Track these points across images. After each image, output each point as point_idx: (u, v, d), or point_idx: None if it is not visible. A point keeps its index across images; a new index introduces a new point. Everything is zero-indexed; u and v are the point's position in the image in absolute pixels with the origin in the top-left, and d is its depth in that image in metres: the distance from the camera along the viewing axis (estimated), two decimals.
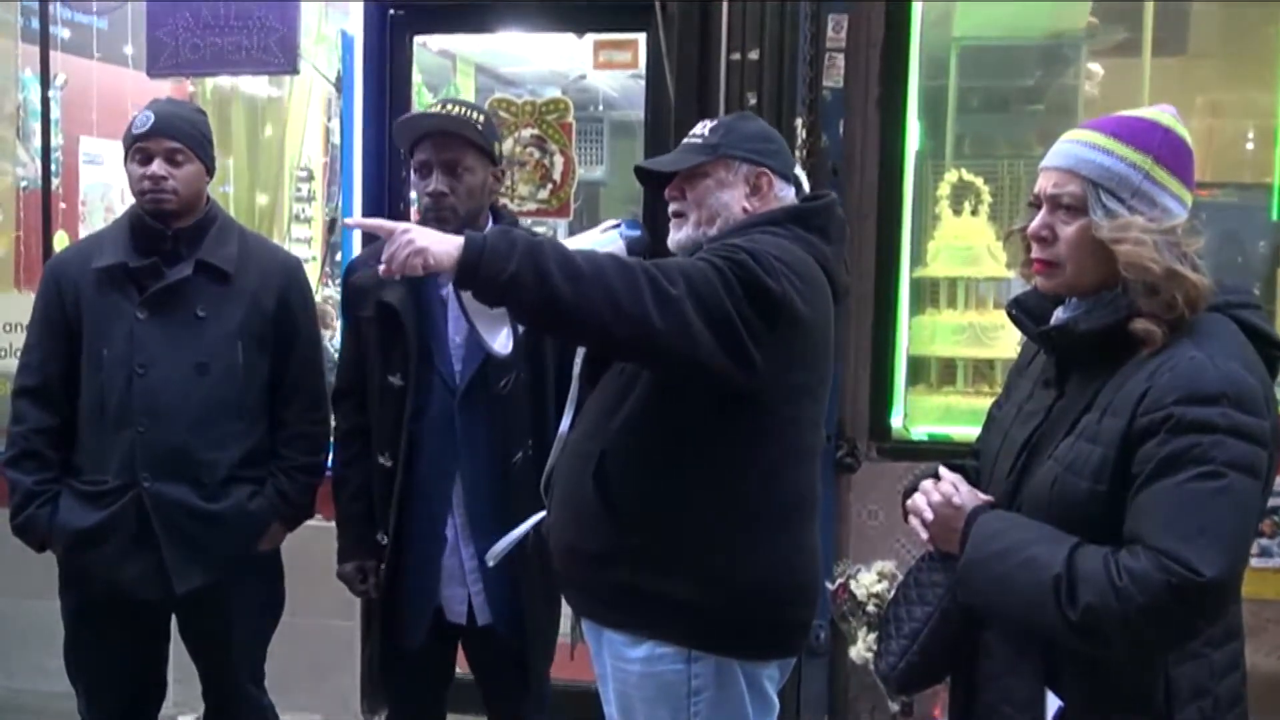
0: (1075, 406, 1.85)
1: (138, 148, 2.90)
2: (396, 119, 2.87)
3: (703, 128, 2.39)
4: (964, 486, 1.95)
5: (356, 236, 4.45)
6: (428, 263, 2.00)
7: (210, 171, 3.02)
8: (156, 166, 2.88)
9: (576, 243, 2.41)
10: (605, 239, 2.39)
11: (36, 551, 3.00)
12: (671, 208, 2.39)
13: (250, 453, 2.98)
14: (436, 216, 2.81)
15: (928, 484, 2.00)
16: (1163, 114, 1.90)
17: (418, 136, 2.84)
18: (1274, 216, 4.43)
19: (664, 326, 2.00)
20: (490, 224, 2.89)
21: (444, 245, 2.00)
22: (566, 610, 2.51)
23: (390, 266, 2.04)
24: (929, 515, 1.96)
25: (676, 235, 2.37)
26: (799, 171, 2.44)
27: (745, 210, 2.32)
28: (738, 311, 2.06)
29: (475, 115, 2.85)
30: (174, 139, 2.89)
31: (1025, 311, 1.99)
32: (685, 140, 2.41)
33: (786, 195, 2.38)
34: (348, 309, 3.02)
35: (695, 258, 2.15)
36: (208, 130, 3.02)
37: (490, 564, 2.63)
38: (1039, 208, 1.91)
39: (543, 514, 2.47)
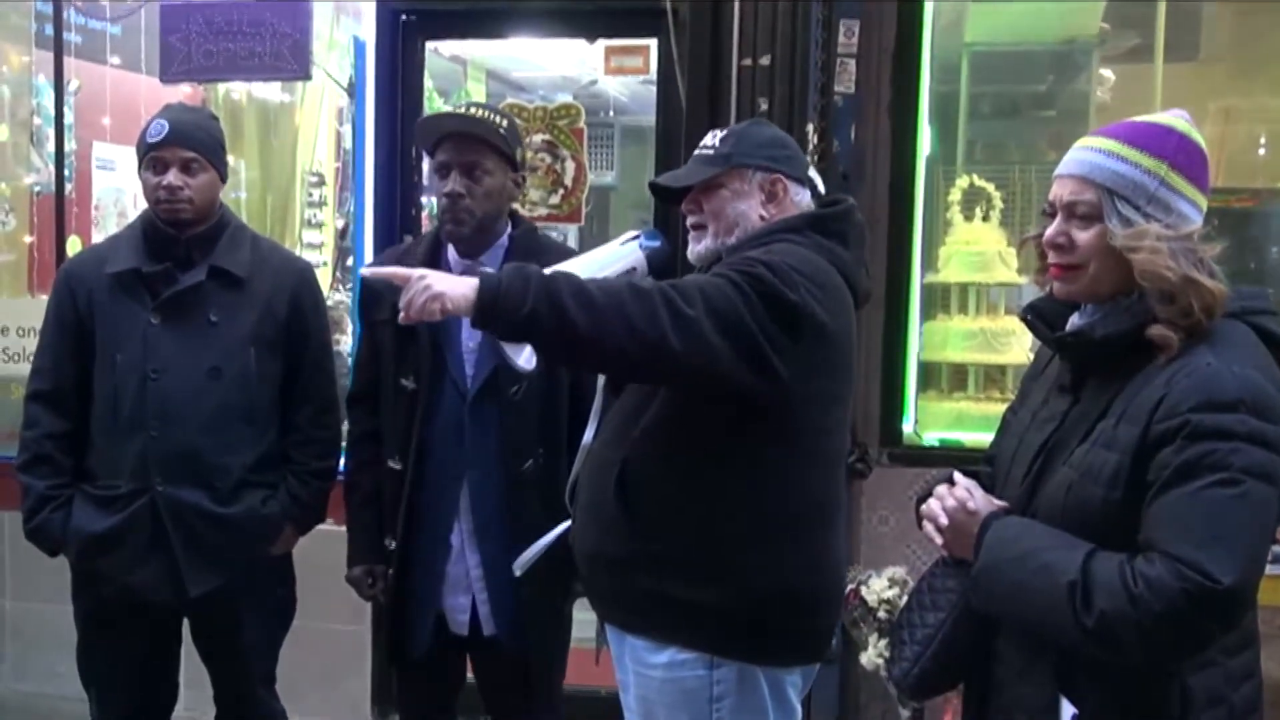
0: (1091, 413, 1.85)
1: (152, 156, 2.90)
2: (418, 119, 2.85)
3: (713, 138, 2.39)
4: (979, 492, 1.95)
5: (369, 242, 4.46)
6: (445, 307, 2.03)
7: (223, 178, 3.02)
8: (172, 176, 2.88)
9: (596, 255, 2.42)
10: (625, 250, 2.41)
11: (49, 556, 3.01)
12: (690, 220, 2.39)
13: (262, 457, 2.99)
14: (453, 218, 2.80)
15: (942, 489, 1.99)
16: (1177, 119, 1.90)
17: (439, 137, 2.82)
18: None
19: (683, 348, 2.02)
20: (509, 230, 2.90)
21: (460, 288, 2.02)
22: (590, 617, 2.51)
23: (409, 313, 2.06)
24: (944, 520, 1.96)
25: (696, 248, 2.38)
26: (813, 174, 2.44)
27: (762, 218, 2.32)
28: (758, 325, 2.07)
29: (498, 119, 2.84)
30: (188, 148, 2.90)
31: (1040, 317, 1.98)
32: (697, 152, 2.40)
33: (802, 199, 2.38)
34: (364, 313, 3.02)
35: (712, 273, 2.16)
36: (221, 137, 3.03)
37: (518, 573, 2.63)
38: (1053, 216, 1.90)
39: (568, 524, 2.47)
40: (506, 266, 2.08)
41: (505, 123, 2.85)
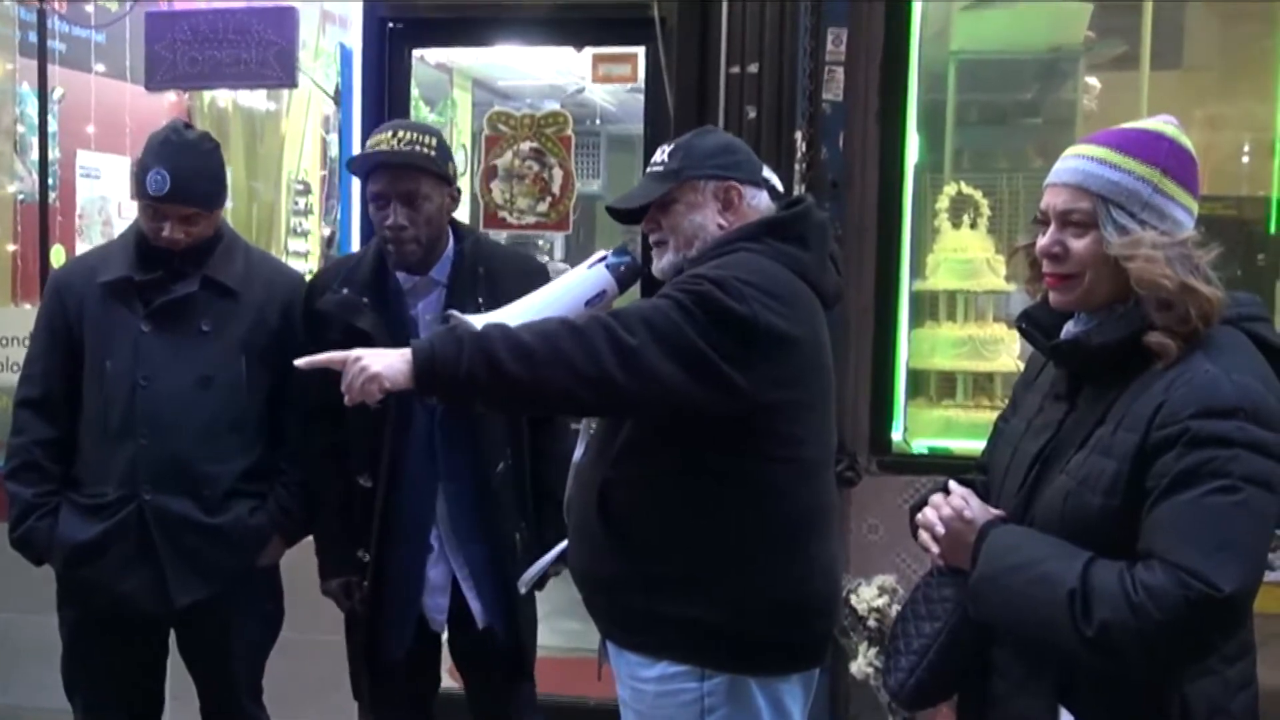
0: (1087, 420, 1.84)
1: (153, 206, 2.84)
2: (349, 157, 2.84)
3: (662, 154, 2.38)
4: (975, 501, 1.94)
5: (354, 249, 4.44)
6: (383, 385, 2.07)
7: (222, 206, 2.98)
8: (174, 233, 2.84)
9: (564, 282, 2.44)
10: (592, 274, 2.42)
11: (35, 565, 2.98)
12: (651, 238, 2.40)
13: (251, 467, 2.97)
14: (398, 249, 2.80)
15: (938, 498, 1.98)
16: (1166, 125, 1.90)
17: (372, 169, 2.81)
18: (1272, 230, 4.44)
19: (628, 380, 2.05)
20: (452, 243, 2.90)
21: (395, 364, 2.07)
22: (580, 627, 2.52)
23: (350, 396, 2.10)
24: (940, 530, 1.95)
25: (659, 263, 2.38)
26: (768, 174, 2.43)
27: (720, 227, 2.32)
28: (706, 342, 2.08)
29: (428, 140, 2.83)
30: (190, 204, 2.84)
31: (1035, 325, 1.97)
32: (648, 169, 2.41)
33: (760, 202, 2.37)
34: (312, 332, 2.92)
35: (658, 295, 2.18)
36: (222, 171, 2.96)
37: (522, 590, 2.67)
38: (1046, 224, 1.90)
39: (566, 542, 2.49)
40: (437, 330, 2.13)
41: (435, 141, 2.84)
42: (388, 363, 2.07)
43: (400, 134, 2.83)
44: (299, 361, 2.24)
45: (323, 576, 3.01)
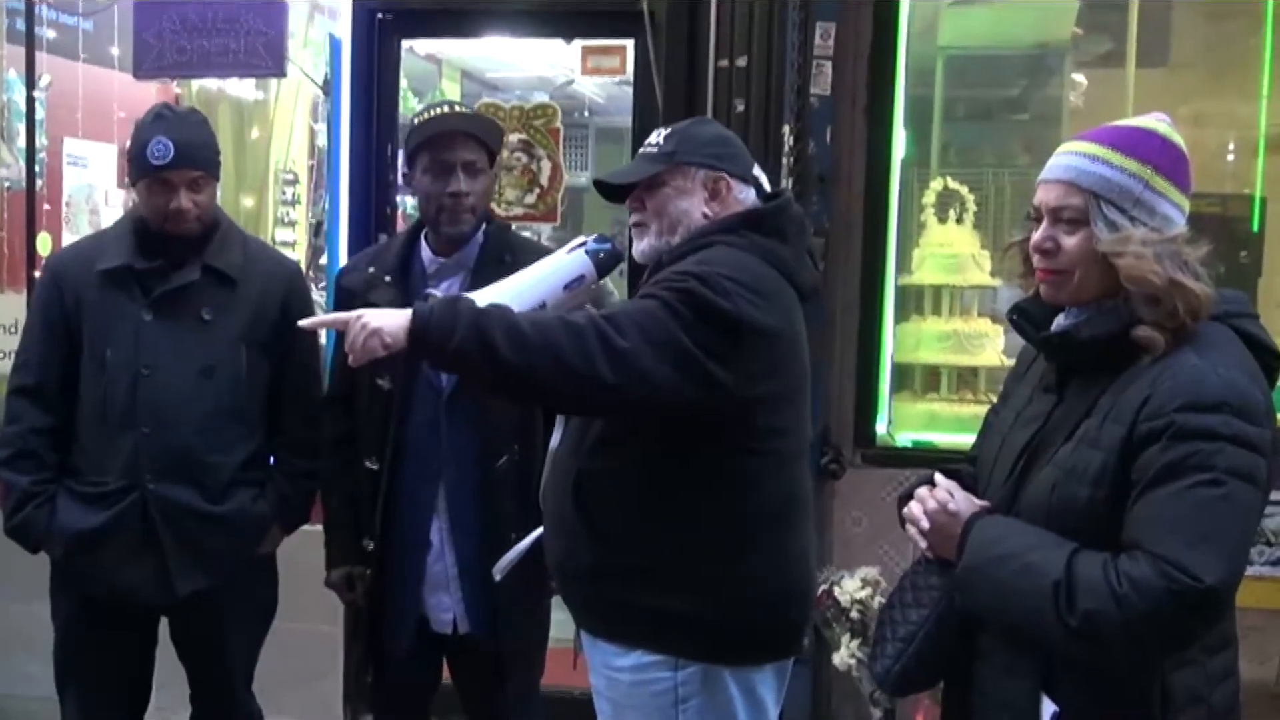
0: (1075, 412, 1.86)
1: (160, 178, 2.83)
2: (424, 119, 2.83)
3: (657, 136, 2.39)
4: (959, 493, 1.95)
5: (342, 242, 4.45)
6: (384, 341, 2.08)
7: (218, 176, 2.99)
8: (184, 201, 2.83)
9: (543, 266, 2.43)
10: (572, 259, 2.42)
11: (30, 553, 2.96)
12: (633, 219, 2.40)
13: (252, 456, 2.97)
14: (454, 217, 2.81)
15: (923, 491, 2.00)
16: (1158, 123, 1.92)
17: (434, 135, 2.81)
18: (1255, 227, 4.47)
19: (616, 379, 2.05)
20: (483, 228, 2.91)
21: (396, 320, 2.08)
22: (568, 617, 2.51)
23: (355, 356, 2.11)
24: (925, 524, 1.96)
25: (640, 246, 2.38)
26: (758, 172, 2.44)
27: (706, 216, 2.32)
28: (693, 340, 2.09)
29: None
30: (195, 168, 2.84)
31: (1026, 318, 1.99)
32: (641, 150, 2.41)
33: (747, 197, 2.38)
34: (338, 308, 2.97)
35: (642, 294, 2.20)
36: (215, 141, 2.98)
37: (497, 578, 2.63)
38: (1038, 220, 1.91)
39: (543, 529, 2.48)
40: (442, 298, 2.12)
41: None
42: (390, 319, 2.08)
43: (456, 108, 2.88)
44: (303, 322, 2.25)
45: (329, 566, 3.00)
